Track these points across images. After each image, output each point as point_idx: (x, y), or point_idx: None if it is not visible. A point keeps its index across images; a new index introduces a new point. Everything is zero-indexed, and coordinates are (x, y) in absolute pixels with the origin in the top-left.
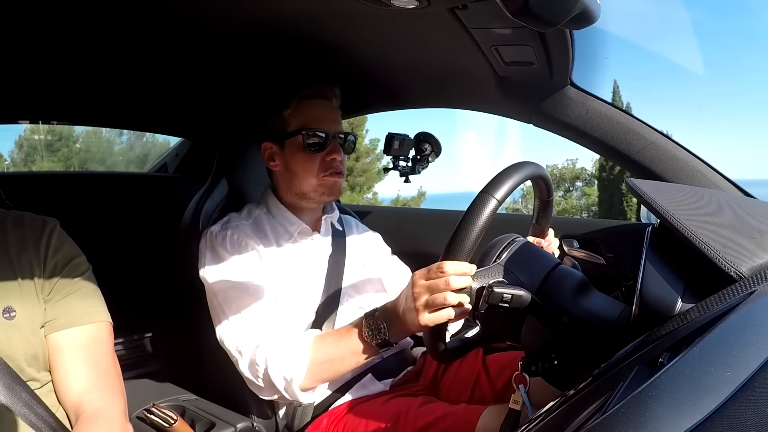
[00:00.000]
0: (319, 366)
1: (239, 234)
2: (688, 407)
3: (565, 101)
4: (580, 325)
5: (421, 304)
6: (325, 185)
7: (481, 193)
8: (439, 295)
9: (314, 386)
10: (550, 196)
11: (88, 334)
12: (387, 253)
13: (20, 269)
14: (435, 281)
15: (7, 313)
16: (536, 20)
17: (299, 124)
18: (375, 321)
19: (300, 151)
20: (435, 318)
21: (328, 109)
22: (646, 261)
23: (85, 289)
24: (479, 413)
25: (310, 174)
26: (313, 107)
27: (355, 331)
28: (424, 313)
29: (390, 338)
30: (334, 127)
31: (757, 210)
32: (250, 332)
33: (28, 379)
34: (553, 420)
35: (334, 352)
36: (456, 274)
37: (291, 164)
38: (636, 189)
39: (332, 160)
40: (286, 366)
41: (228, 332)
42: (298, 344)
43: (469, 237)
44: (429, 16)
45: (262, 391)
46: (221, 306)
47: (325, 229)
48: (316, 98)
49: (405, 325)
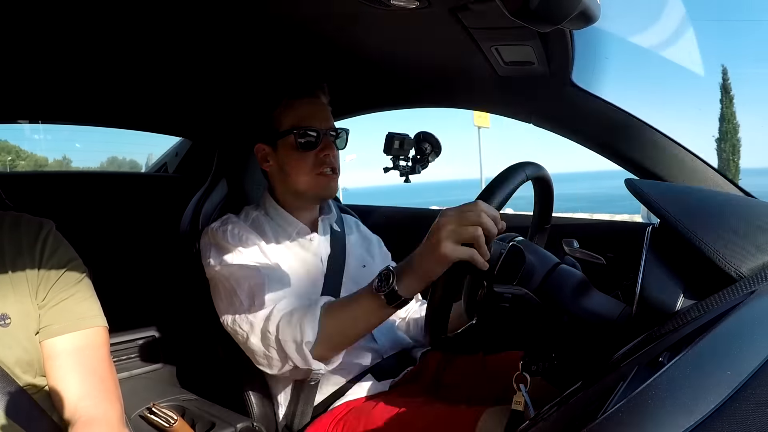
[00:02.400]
0: (330, 328)
1: (239, 228)
2: (688, 407)
3: (565, 101)
4: (580, 324)
5: (448, 232)
6: (319, 185)
7: (516, 164)
8: (469, 227)
9: (326, 353)
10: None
11: (84, 340)
12: (387, 256)
13: (15, 274)
14: (466, 213)
15: (2, 320)
16: (536, 20)
17: (290, 123)
18: (387, 271)
19: (293, 150)
20: (458, 252)
21: (318, 106)
22: (646, 261)
23: (80, 293)
24: (479, 414)
25: (304, 172)
26: (302, 106)
27: (366, 290)
28: (447, 242)
29: (399, 288)
30: (325, 124)
31: (757, 210)
32: (261, 305)
33: (23, 385)
34: (554, 420)
35: (345, 312)
36: (489, 215)
37: (285, 164)
38: (636, 189)
39: (325, 156)
40: (297, 328)
41: (239, 309)
42: (310, 308)
43: (505, 188)
44: (429, 16)
45: (273, 363)
46: (232, 287)
47: (323, 230)
48: (305, 96)
49: (419, 265)
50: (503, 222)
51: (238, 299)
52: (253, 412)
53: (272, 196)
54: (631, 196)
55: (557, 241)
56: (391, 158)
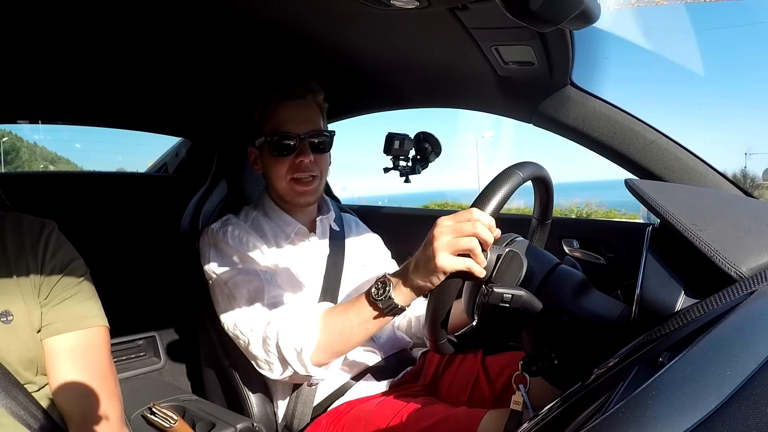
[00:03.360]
0: (329, 336)
1: (239, 230)
2: (688, 407)
3: (565, 101)
4: (580, 324)
5: (443, 243)
6: (293, 190)
7: (510, 167)
8: (464, 238)
9: (325, 360)
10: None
11: (85, 339)
12: (387, 255)
13: (18, 273)
14: (462, 224)
15: (4, 317)
16: (536, 20)
17: (270, 127)
18: (383, 279)
19: (270, 155)
20: (454, 263)
21: (299, 108)
22: (646, 261)
23: (82, 293)
24: (480, 416)
25: (280, 177)
26: (280, 110)
27: (363, 297)
28: (443, 254)
29: (395, 297)
30: (304, 127)
31: (758, 210)
32: (261, 310)
33: (24, 382)
34: (554, 420)
35: (343, 320)
36: (484, 224)
37: (265, 168)
38: (636, 189)
39: (300, 162)
40: (297, 336)
41: (239, 315)
42: (308, 316)
43: (500, 193)
44: (429, 16)
45: (274, 368)
46: (231, 292)
47: (322, 230)
48: (284, 100)
49: (416, 276)
50: (498, 229)
51: (238, 304)
52: (253, 412)
53: (270, 197)
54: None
55: (557, 241)
56: (391, 158)
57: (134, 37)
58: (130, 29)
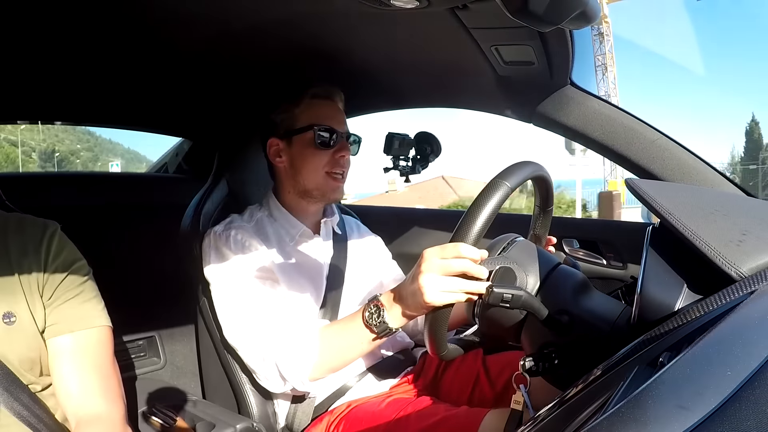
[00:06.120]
0: (327, 356)
1: (242, 234)
2: (688, 407)
3: (565, 101)
4: (580, 325)
5: (430, 282)
6: (328, 185)
7: (495, 179)
8: (451, 279)
9: (322, 376)
10: (549, 206)
11: (88, 339)
12: (388, 257)
13: (21, 274)
14: (449, 261)
15: (7, 319)
16: (536, 20)
17: (309, 120)
18: (376, 303)
19: (309, 147)
20: (443, 299)
21: (336, 109)
22: (646, 261)
23: (85, 293)
24: (481, 416)
25: (317, 170)
26: (323, 106)
27: (358, 317)
28: (430, 291)
29: (388, 321)
30: (342, 127)
31: (758, 210)
32: (258, 327)
33: (28, 383)
34: (554, 420)
35: (340, 341)
36: (473, 260)
37: (298, 160)
38: (636, 189)
39: (341, 157)
40: (295, 359)
41: (236, 329)
42: (306, 336)
43: (482, 219)
44: (429, 16)
45: (271, 384)
46: (228, 304)
47: (326, 232)
48: (325, 98)
49: (406, 306)
50: (483, 250)
51: (237, 316)
52: (253, 412)
53: (276, 197)
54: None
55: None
56: (392, 158)
57: (134, 36)
58: (131, 29)
